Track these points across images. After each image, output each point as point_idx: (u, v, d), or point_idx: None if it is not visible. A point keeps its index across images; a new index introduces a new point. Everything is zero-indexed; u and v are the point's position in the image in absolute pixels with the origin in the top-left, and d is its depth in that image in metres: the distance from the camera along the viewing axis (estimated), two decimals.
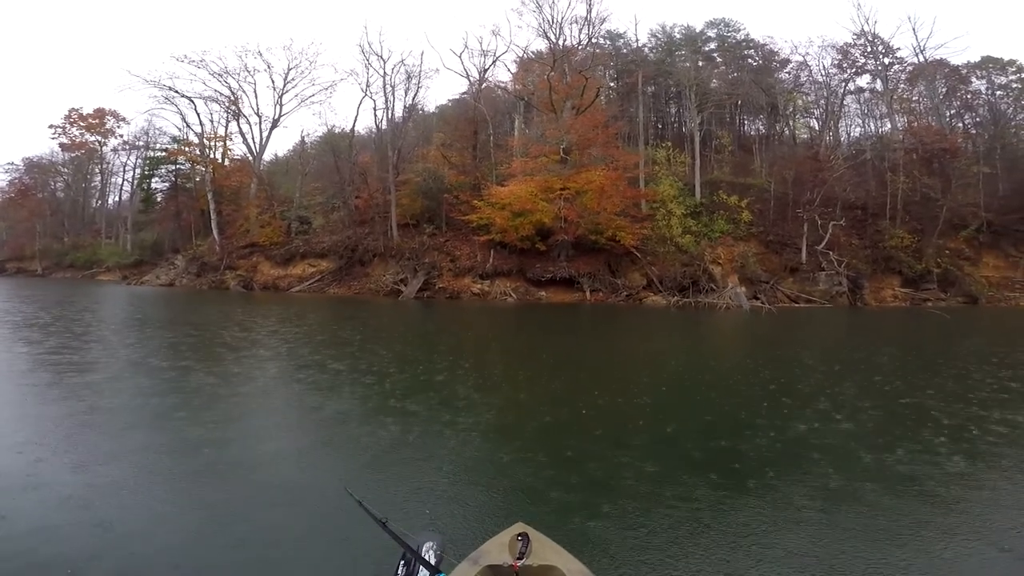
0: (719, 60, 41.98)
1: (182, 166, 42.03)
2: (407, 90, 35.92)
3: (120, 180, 55.16)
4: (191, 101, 39.08)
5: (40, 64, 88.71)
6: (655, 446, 5.21)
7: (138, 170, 49.59)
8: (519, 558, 2.36)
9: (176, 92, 38.41)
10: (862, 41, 36.04)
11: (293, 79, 39.94)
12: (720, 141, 36.06)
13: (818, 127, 39.25)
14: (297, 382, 8.05)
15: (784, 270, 26.30)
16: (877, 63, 36.21)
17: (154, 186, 44.64)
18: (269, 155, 45.16)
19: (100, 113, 50.54)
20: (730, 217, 27.94)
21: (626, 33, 40.68)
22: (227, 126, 40.81)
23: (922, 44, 34.87)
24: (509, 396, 7.52)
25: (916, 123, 34.24)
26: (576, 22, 33.88)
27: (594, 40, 35.52)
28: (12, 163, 55.81)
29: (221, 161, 41.25)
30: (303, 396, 7.23)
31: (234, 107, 39.52)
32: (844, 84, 37.67)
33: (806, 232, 26.57)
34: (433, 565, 2.45)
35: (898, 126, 35.18)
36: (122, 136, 51.37)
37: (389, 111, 35.82)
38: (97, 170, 54.71)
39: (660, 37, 41.37)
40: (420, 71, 37.23)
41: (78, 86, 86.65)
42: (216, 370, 8.50)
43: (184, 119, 40.79)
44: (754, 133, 41.56)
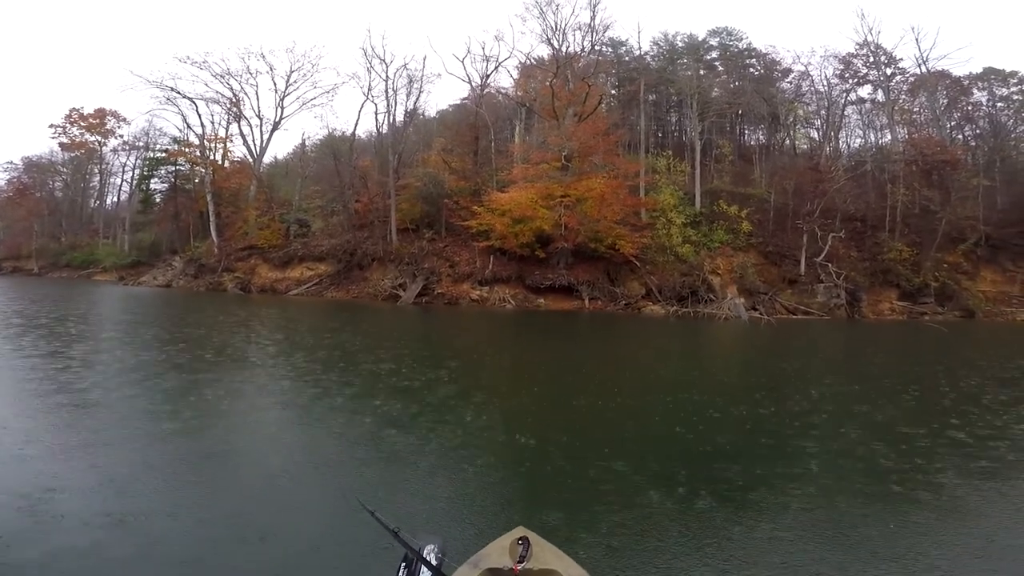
0: (721, 69, 42.05)
1: (182, 167, 41.88)
2: (409, 94, 35.94)
3: (119, 180, 55.22)
4: (192, 102, 39.21)
5: (42, 64, 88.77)
6: (656, 452, 5.26)
7: (137, 171, 49.54)
8: (519, 562, 2.38)
9: (178, 93, 38.56)
10: (865, 51, 36.11)
11: (295, 82, 40.12)
12: (721, 150, 36.09)
13: (819, 137, 39.35)
14: (308, 394, 7.92)
15: (783, 281, 26.31)
16: (879, 73, 36.30)
17: (153, 187, 44.44)
18: (269, 157, 45.18)
19: (101, 113, 50.57)
20: (730, 227, 27.94)
21: (628, 41, 40.80)
22: (228, 128, 40.94)
23: (925, 55, 34.94)
24: (511, 401, 7.63)
25: (916, 134, 34.32)
26: (580, 29, 33.95)
27: (597, 47, 35.59)
28: (11, 162, 55.77)
29: (221, 163, 41.26)
30: (313, 409, 7.12)
31: (235, 109, 39.65)
32: (845, 94, 37.76)
33: (805, 244, 26.57)
34: (435, 567, 2.46)
35: (899, 137, 35.28)
36: (122, 136, 51.46)
37: (390, 115, 35.89)
38: (96, 170, 54.67)
39: (662, 45, 41.42)
40: (422, 75, 37.14)
41: (80, 86, 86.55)
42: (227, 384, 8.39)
43: (185, 120, 41.05)
44: (754, 143, 41.60)
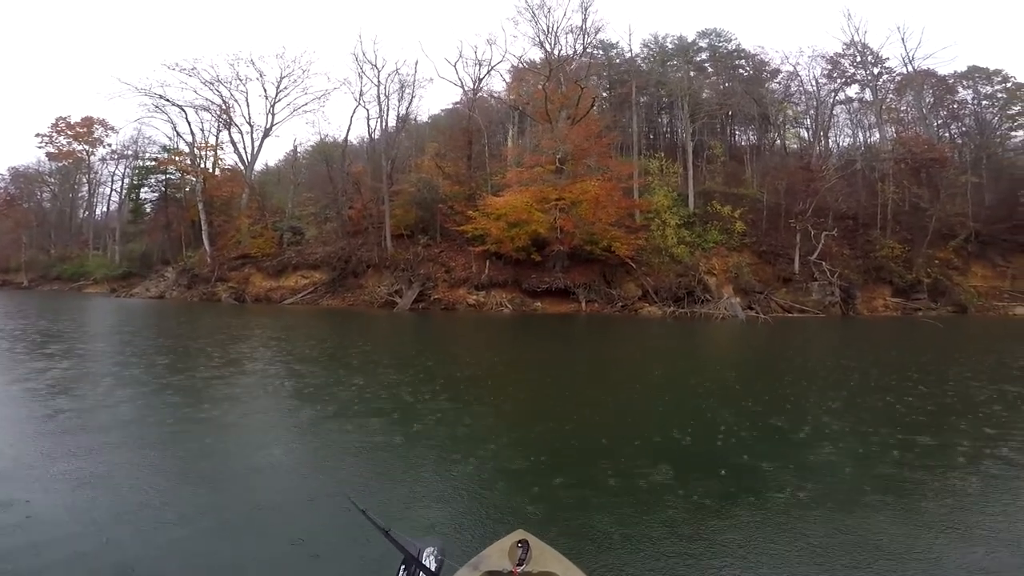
0: (711, 70, 42.42)
1: (172, 176, 41.37)
2: (401, 99, 35.95)
3: (108, 190, 54.53)
4: (182, 110, 38.81)
5: (28, 72, 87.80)
6: (656, 455, 5.21)
7: (126, 180, 49.10)
8: (519, 564, 2.38)
9: (167, 100, 38.13)
10: (852, 51, 36.59)
11: (285, 88, 39.86)
12: (712, 151, 36.34)
13: (808, 137, 39.75)
14: (308, 401, 7.83)
15: (777, 280, 26.55)
16: (866, 73, 36.78)
17: (143, 196, 43.83)
18: (260, 165, 44.93)
19: (88, 122, 49.97)
20: (723, 228, 28.15)
21: (619, 43, 40.98)
22: (218, 135, 40.51)
23: (911, 54, 35.55)
24: (510, 405, 7.64)
25: (904, 133, 34.77)
26: (572, 32, 34.05)
27: (588, 50, 35.77)
28: None
29: (212, 171, 40.81)
30: (312, 410, 7.07)
31: (225, 116, 39.31)
32: (834, 94, 38.21)
33: (799, 242, 26.82)
34: (433, 571, 2.43)
35: (887, 136, 35.72)
36: (110, 145, 50.87)
37: (383, 120, 35.90)
38: (84, 180, 54.04)
39: (653, 47, 41.68)
40: (414, 80, 37.10)
41: (66, 95, 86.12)
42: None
43: (175, 128, 40.55)
44: (745, 143, 41.93)
